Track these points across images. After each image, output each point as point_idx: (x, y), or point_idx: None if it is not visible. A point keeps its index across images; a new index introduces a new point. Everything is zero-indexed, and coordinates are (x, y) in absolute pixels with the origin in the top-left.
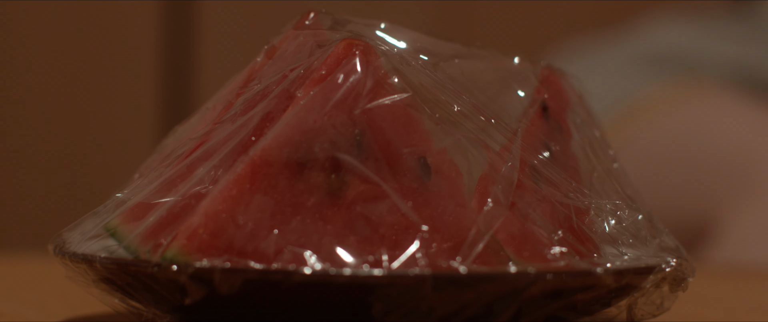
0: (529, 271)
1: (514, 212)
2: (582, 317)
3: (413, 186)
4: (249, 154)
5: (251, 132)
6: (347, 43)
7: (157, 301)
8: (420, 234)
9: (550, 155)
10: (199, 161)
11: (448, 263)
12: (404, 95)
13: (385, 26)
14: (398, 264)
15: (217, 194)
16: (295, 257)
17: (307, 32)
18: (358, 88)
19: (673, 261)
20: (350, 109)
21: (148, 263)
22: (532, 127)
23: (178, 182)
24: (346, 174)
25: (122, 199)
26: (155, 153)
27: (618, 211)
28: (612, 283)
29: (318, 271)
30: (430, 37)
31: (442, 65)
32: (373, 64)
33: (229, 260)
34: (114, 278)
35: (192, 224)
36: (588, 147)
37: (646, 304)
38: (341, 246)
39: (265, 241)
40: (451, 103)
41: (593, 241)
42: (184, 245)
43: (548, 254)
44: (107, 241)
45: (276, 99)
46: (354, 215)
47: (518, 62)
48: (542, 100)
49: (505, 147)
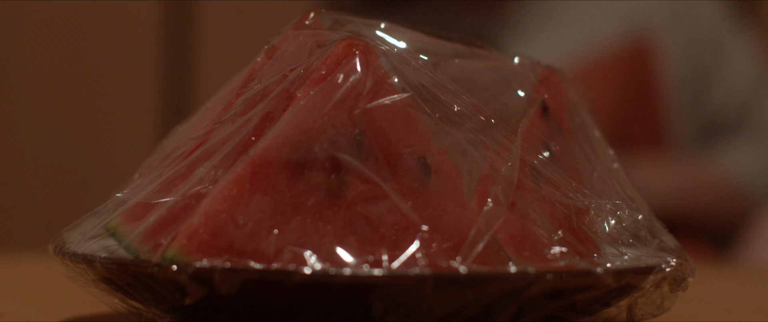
0: (529, 271)
1: (514, 212)
2: (582, 317)
3: (413, 186)
4: (249, 154)
5: (251, 132)
6: (347, 43)
7: (157, 301)
8: (420, 234)
9: (550, 155)
10: (199, 160)
11: (448, 263)
12: (404, 95)
13: (385, 26)
14: (398, 264)
15: (217, 194)
16: (295, 257)
17: (307, 32)
18: (358, 88)
19: (673, 261)
20: (350, 109)
21: (148, 263)
22: (532, 127)
23: (178, 182)
24: (346, 174)
25: (122, 199)
26: (155, 153)
27: (618, 211)
28: (612, 283)
29: (318, 271)
30: (430, 37)
31: (442, 65)
32: (373, 64)
33: (229, 260)
34: (114, 278)
35: (192, 224)
36: (588, 147)
37: (646, 304)
38: (341, 246)
39: (265, 241)
40: (451, 103)
41: (593, 241)
42: (184, 245)
43: (548, 254)
44: (107, 241)
45: (276, 99)
46: (354, 215)
47: (518, 62)
48: (542, 100)
49: (505, 147)
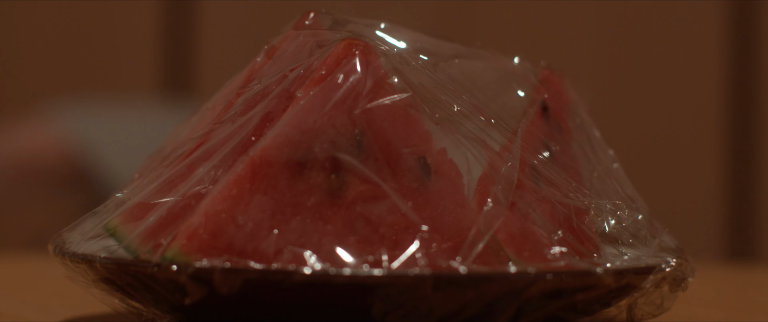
0: (529, 271)
1: (514, 212)
2: (582, 317)
3: (413, 186)
4: (249, 154)
5: (251, 132)
6: (347, 43)
7: (157, 301)
8: (420, 234)
9: (550, 155)
10: (199, 160)
11: (448, 263)
12: (404, 95)
13: (385, 26)
14: (398, 264)
15: (217, 194)
16: (295, 257)
17: (307, 32)
18: (358, 88)
19: (673, 261)
20: (350, 109)
21: (148, 263)
22: (532, 127)
23: (178, 182)
24: (346, 174)
25: (122, 199)
26: (155, 153)
27: (618, 211)
28: (612, 283)
29: (318, 271)
30: (430, 37)
31: (442, 65)
32: (373, 64)
33: (229, 260)
34: (114, 278)
35: (192, 224)
36: (588, 147)
37: (646, 304)
38: (341, 246)
39: (265, 241)
40: (451, 103)
41: (593, 241)
42: (184, 245)
43: (548, 254)
44: (107, 241)
45: (276, 99)
46: (354, 215)
47: (518, 62)
48: (542, 100)
49: (505, 147)
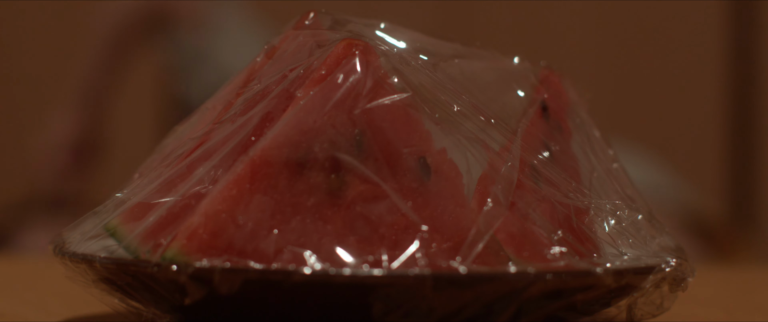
0: (529, 271)
1: (514, 212)
2: (582, 317)
3: (413, 186)
4: (249, 154)
5: (251, 132)
6: (347, 43)
7: (157, 301)
8: (420, 234)
9: (550, 155)
10: (199, 160)
11: (448, 263)
12: (404, 95)
13: (385, 26)
14: (398, 264)
15: (217, 194)
16: (295, 257)
17: (307, 32)
18: (357, 88)
19: (673, 261)
20: (350, 109)
21: (148, 263)
22: (532, 127)
23: (178, 182)
24: (346, 174)
25: (122, 199)
26: (155, 153)
27: (618, 211)
28: (612, 283)
29: (318, 271)
30: (430, 37)
31: (442, 65)
32: (372, 64)
33: (229, 260)
34: (114, 278)
35: (192, 224)
36: (588, 147)
37: (646, 304)
38: (341, 246)
39: (265, 241)
40: (451, 103)
41: (593, 241)
42: (184, 245)
43: (548, 254)
44: (107, 241)
45: (276, 99)
46: (354, 215)
47: (518, 62)
48: (542, 100)
49: (505, 147)
